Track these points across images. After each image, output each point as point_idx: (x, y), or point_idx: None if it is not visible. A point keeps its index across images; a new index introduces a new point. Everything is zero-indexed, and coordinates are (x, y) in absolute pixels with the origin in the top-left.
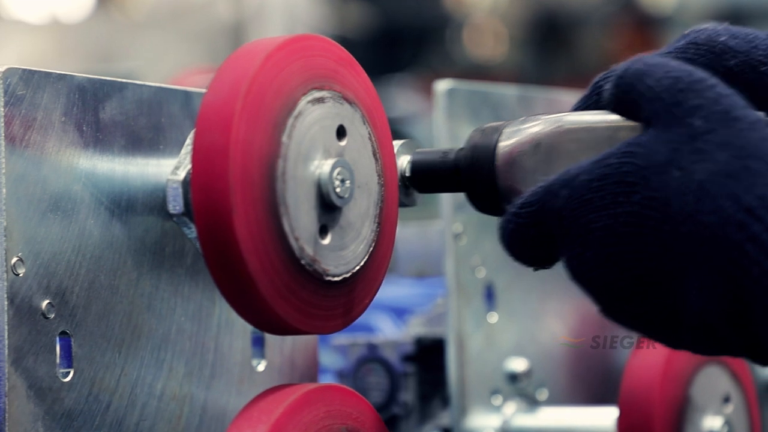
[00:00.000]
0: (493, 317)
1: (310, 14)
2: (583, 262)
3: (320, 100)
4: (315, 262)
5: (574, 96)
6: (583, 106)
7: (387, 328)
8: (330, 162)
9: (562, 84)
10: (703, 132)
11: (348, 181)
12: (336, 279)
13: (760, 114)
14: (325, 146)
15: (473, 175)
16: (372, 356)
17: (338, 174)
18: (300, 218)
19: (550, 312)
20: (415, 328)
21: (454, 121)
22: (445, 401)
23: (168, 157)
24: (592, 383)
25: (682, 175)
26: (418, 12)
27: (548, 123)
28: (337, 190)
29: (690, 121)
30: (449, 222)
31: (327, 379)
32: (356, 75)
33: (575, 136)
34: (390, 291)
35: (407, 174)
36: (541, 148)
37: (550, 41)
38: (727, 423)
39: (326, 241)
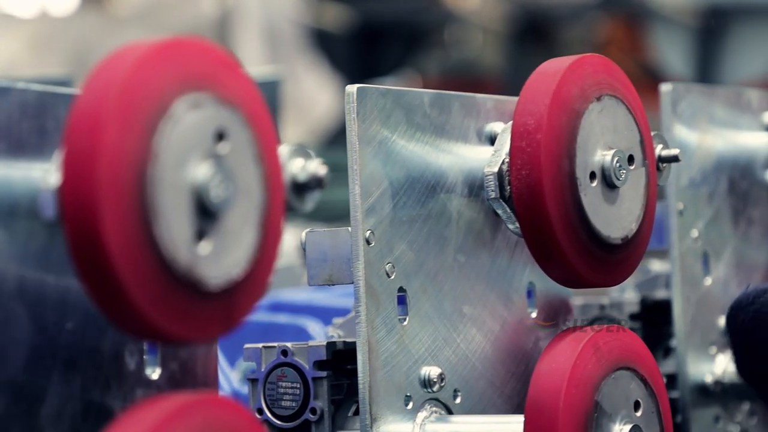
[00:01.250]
0: (406, 322)
1: (290, 8)
2: None
3: (197, 104)
4: (191, 270)
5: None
6: None
7: (317, 333)
8: (206, 166)
9: None
10: None
11: (226, 186)
12: (214, 286)
13: None
14: (202, 151)
15: None
16: (284, 361)
17: (215, 179)
18: (173, 224)
19: (465, 317)
20: (332, 333)
21: (365, 122)
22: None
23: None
24: (507, 390)
25: None
26: (404, 7)
27: None
28: (214, 195)
29: None
30: (359, 227)
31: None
32: (238, 78)
33: None
34: (324, 295)
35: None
36: None
37: (532, 37)
38: (637, 429)
39: (203, 247)
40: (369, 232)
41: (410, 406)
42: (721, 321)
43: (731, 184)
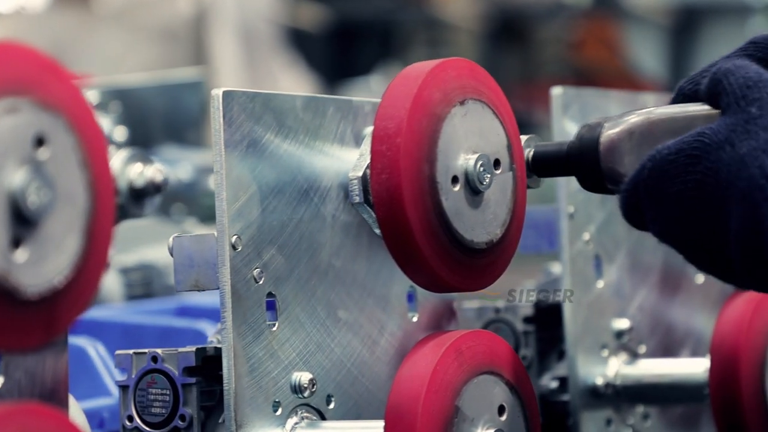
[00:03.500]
0: (275, 328)
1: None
2: (662, 222)
3: (13, 109)
4: (5, 277)
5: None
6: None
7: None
8: (23, 172)
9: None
10: (756, 117)
11: (45, 193)
12: (33, 294)
13: None
14: (19, 156)
15: (581, 161)
16: (154, 368)
17: (33, 185)
18: None
19: (341, 322)
20: (211, 339)
21: (231, 126)
22: None
23: None
24: (384, 395)
25: (731, 150)
26: (380, 7)
27: (641, 115)
28: (31, 201)
29: (749, 109)
30: (225, 232)
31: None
32: (61, 82)
33: (662, 125)
34: None
35: (530, 162)
36: (635, 135)
37: (507, 37)
38: None
39: (20, 254)
40: (235, 237)
41: (279, 412)
42: (615, 323)
43: None
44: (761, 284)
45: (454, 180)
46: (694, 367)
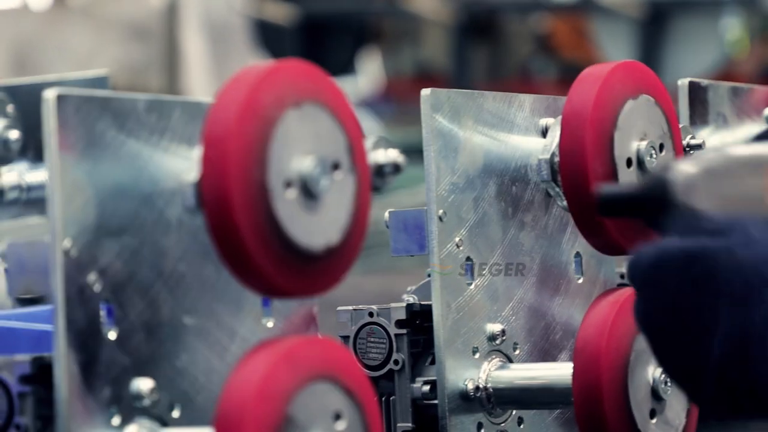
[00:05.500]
0: (113, 335)
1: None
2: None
3: None
4: None
5: None
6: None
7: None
8: None
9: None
10: None
11: None
12: None
13: None
14: None
15: (655, 198)
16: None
17: None
18: None
19: (187, 329)
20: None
21: (66, 129)
22: None
23: None
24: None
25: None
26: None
27: (716, 153)
28: None
29: None
30: (57, 238)
31: None
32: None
33: (734, 164)
34: None
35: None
36: (712, 172)
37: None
38: None
39: None
40: (69, 242)
41: (116, 421)
42: (487, 327)
43: (500, 188)
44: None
45: (289, 184)
46: (565, 370)
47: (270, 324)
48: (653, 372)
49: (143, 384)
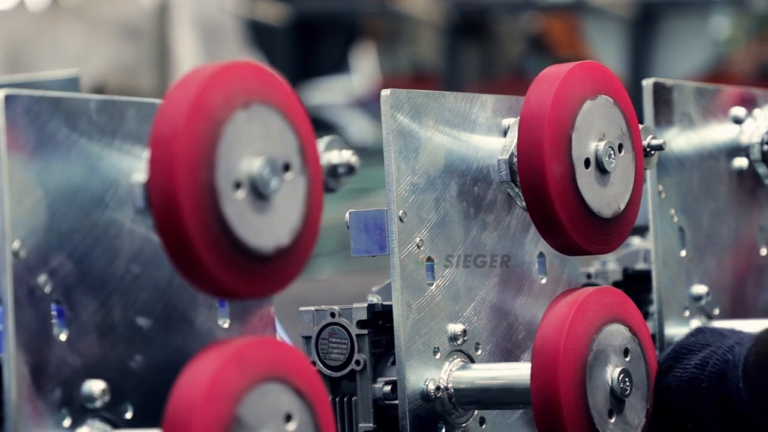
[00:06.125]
0: (64, 336)
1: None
2: None
3: None
4: None
5: None
6: None
7: None
8: None
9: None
10: None
11: None
12: None
13: None
14: None
15: None
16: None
17: None
18: None
19: (140, 329)
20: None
21: (14, 129)
22: None
23: None
24: None
25: None
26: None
27: None
28: None
29: None
30: (6, 238)
31: None
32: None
33: None
34: None
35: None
36: None
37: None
38: None
39: None
40: (18, 243)
41: (67, 423)
42: (449, 327)
43: (462, 188)
44: None
45: (238, 185)
46: (525, 370)
47: (226, 324)
48: (612, 372)
49: (95, 385)
